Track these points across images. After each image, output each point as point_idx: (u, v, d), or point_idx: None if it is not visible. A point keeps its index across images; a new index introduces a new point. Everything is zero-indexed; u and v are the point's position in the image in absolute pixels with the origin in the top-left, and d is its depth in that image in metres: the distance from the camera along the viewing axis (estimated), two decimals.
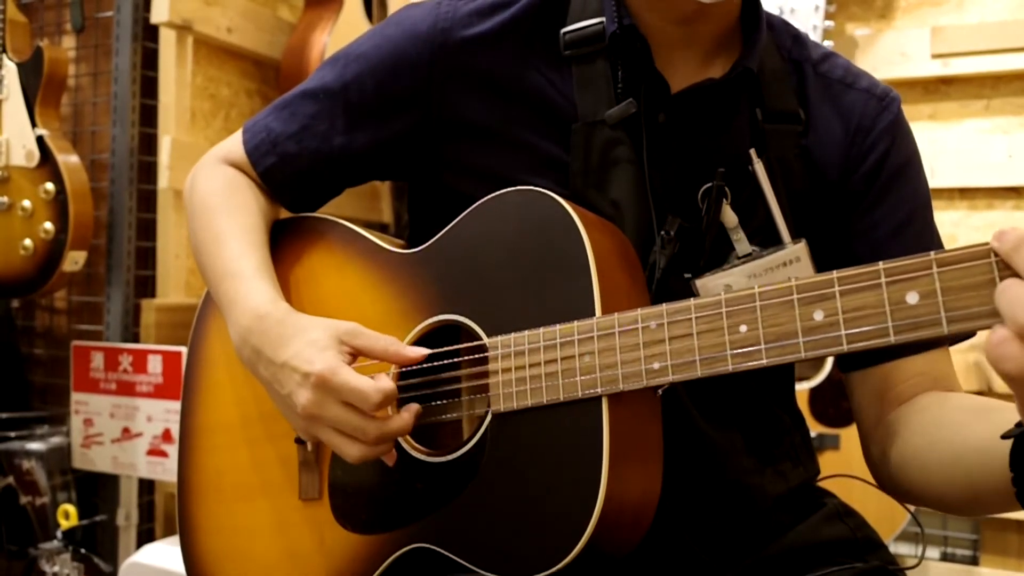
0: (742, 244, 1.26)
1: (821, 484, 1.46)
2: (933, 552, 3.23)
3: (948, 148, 3.19)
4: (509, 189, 1.21)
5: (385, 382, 1.16)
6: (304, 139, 1.40)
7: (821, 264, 1.26)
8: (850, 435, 2.98)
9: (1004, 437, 0.99)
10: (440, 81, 1.32)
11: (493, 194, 1.23)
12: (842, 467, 2.91)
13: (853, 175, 1.33)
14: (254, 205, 1.42)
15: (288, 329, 1.23)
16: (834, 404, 3.01)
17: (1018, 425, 0.97)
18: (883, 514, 2.77)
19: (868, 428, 1.35)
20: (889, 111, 1.35)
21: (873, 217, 1.33)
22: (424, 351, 1.22)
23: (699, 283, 1.25)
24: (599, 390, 1.09)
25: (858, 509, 1.41)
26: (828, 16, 2.94)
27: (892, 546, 3.02)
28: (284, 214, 1.50)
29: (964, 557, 3.22)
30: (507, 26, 1.32)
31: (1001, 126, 3.20)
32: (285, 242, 1.44)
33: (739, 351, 1.01)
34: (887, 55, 3.25)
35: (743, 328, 1.01)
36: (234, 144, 1.47)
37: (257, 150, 1.43)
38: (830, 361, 3.02)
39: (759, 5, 1.33)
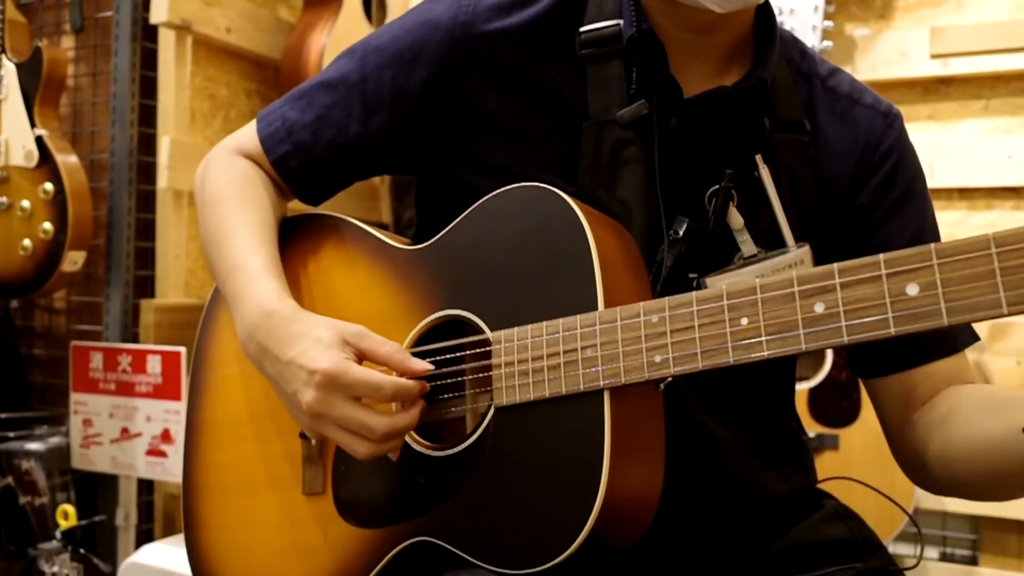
0: (748, 245, 1.27)
1: (820, 485, 1.47)
2: (932, 552, 3.24)
3: (947, 148, 3.19)
4: (514, 185, 1.22)
5: (405, 381, 1.17)
6: (320, 129, 1.40)
7: None
8: (849, 435, 2.99)
9: None
10: (457, 74, 1.33)
11: (498, 190, 1.23)
12: (841, 467, 2.92)
13: (862, 189, 1.35)
14: (265, 199, 1.42)
15: (295, 327, 1.22)
16: (833, 404, 3.01)
17: None
18: (882, 515, 2.77)
19: (894, 430, 1.37)
20: (894, 128, 1.38)
21: (889, 230, 1.35)
22: (428, 366, 1.21)
23: (706, 282, 1.26)
24: (601, 383, 1.09)
25: (857, 510, 1.41)
26: (827, 16, 2.94)
27: (891, 547, 3.02)
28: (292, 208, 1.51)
29: (963, 557, 3.22)
30: (526, 23, 1.32)
31: (1000, 126, 3.20)
32: (293, 239, 1.44)
33: (740, 343, 1.02)
34: (886, 55, 3.25)
35: (744, 321, 1.02)
36: (248, 133, 1.47)
37: (271, 138, 1.43)
38: (829, 361, 3.03)
39: (773, 17, 1.34)
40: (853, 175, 1.35)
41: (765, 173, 1.29)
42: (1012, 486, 1.15)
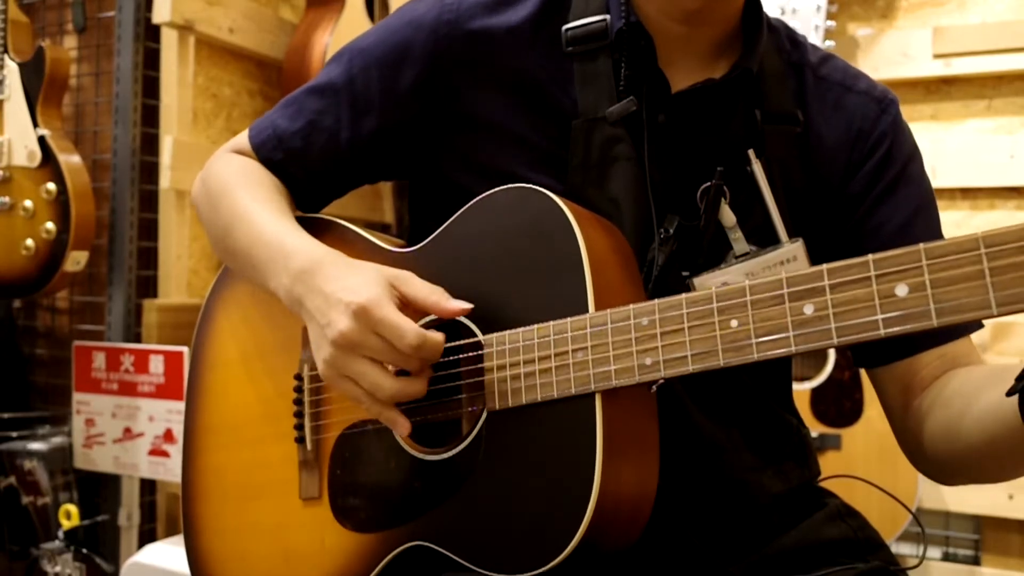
0: (740, 243, 1.27)
1: (823, 484, 1.46)
2: (935, 552, 3.23)
3: (950, 148, 3.19)
4: (504, 187, 1.21)
5: (433, 333, 1.15)
6: (310, 135, 1.40)
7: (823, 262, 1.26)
8: (852, 435, 2.98)
9: (1009, 394, 0.99)
10: (445, 74, 1.33)
11: (488, 192, 1.23)
12: (844, 467, 2.92)
13: (855, 176, 1.34)
14: (272, 184, 1.41)
15: (342, 268, 1.21)
16: (836, 404, 3.01)
17: (1018, 380, 0.97)
18: (885, 514, 2.77)
19: (898, 418, 1.36)
20: (888, 113, 1.37)
21: (880, 216, 1.34)
22: (468, 305, 1.19)
23: (696, 281, 1.25)
24: (592, 386, 1.09)
25: (860, 509, 1.41)
26: (830, 16, 2.93)
27: (894, 546, 3.02)
28: None
29: (966, 557, 3.21)
30: (511, 21, 1.32)
31: (1003, 126, 3.19)
32: None
33: (730, 345, 1.02)
34: (889, 55, 3.25)
35: (734, 323, 1.01)
36: (240, 142, 1.47)
37: (263, 147, 1.43)
38: (831, 361, 3.02)
39: (760, 8, 1.34)
40: (846, 164, 1.35)
41: (757, 168, 1.28)
42: (1008, 460, 1.12)
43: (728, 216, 1.27)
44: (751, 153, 1.28)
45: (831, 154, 1.34)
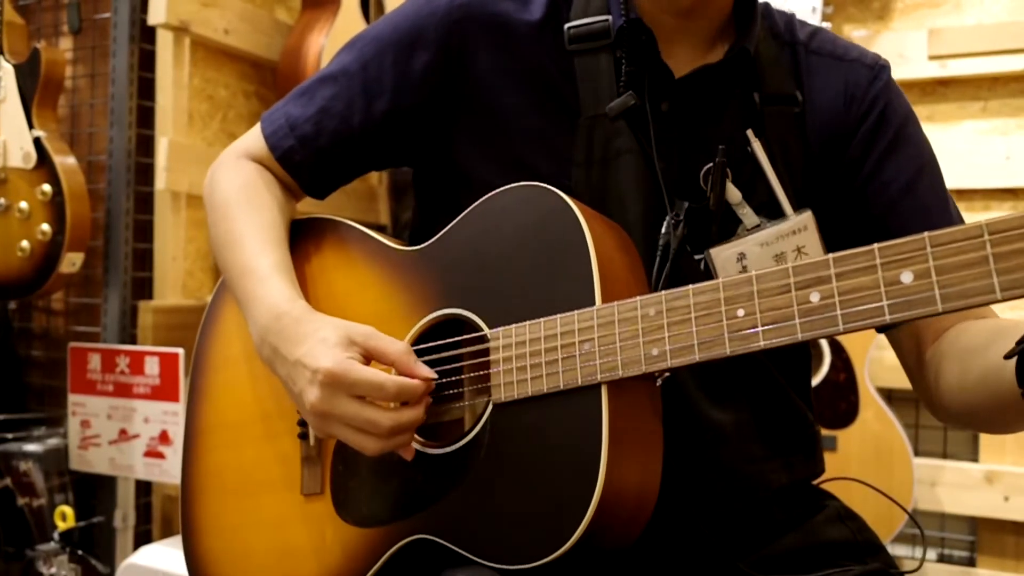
0: (749, 217, 1.28)
1: (820, 485, 1.46)
2: (930, 554, 3.24)
3: (945, 150, 3.18)
4: (512, 185, 1.22)
5: (408, 380, 1.17)
6: (322, 120, 1.41)
7: (836, 232, 1.29)
8: (847, 437, 2.99)
9: (1007, 357, 1.00)
10: (456, 57, 1.34)
11: (495, 191, 1.24)
12: (839, 469, 2.92)
13: (852, 140, 1.36)
14: (273, 202, 1.42)
15: (303, 328, 1.23)
16: (831, 406, 3.02)
17: (1018, 343, 0.98)
18: (880, 516, 2.77)
19: (913, 370, 1.37)
20: (880, 78, 1.38)
21: (882, 178, 1.35)
22: (432, 374, 1.21)
23: (713, 252, 1.26)
24: (598, 377, 1.09)
25: (856, 510, 1.42)
26: (825, 18, 2.95)
27: (889, 548, 3.02)
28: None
29: (961, 559, 3.22)
30: (523, 12, 1.34)
31: (998, 128, 3.20)
32: (295, 243, 1.45)
33: (737, 334, 1.02)
34: (884, 56, 3.25)
35: (740, 312, 1.02)
36: (253, 136, 1.48)
37: (275, 135, 1.44)
38: (827, 363, 3.03)
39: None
40: (843, 130, 1.36)
41: (757, 147, 1.30)
42: (1012, 415, 1.13)
43: (734, 193, 1.28)
44: (750, 133, 1.30)
45: (828, 123, 1.36)
